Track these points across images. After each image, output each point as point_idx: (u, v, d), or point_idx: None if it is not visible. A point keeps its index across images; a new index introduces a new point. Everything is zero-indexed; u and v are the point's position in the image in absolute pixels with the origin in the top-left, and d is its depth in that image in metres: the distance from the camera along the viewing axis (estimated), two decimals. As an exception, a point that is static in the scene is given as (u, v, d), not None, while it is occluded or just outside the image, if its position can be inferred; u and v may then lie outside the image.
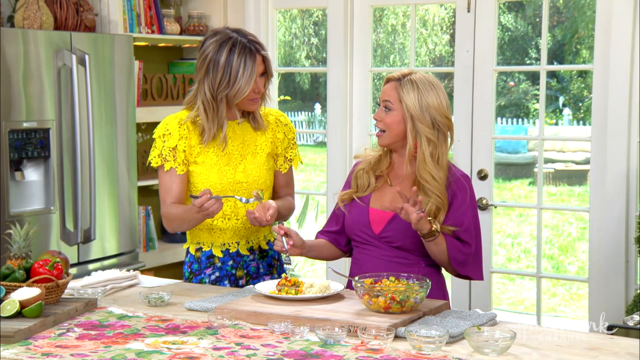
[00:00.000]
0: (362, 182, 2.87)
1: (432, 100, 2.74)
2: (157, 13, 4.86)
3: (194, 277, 3.04)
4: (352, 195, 2.87)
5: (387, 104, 2.76)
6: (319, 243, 2.96)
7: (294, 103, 16.14)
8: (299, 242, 2.80)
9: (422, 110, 2.73)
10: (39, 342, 2.27)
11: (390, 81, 2.79)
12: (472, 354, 2.18)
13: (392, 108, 2.75)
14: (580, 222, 9.29)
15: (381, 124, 2.78)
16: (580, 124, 14.08)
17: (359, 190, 2.87)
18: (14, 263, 2.60)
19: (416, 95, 2.73)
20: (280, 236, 2.78)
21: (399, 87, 2.75)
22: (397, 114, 2.75)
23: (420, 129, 2.73)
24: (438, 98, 2.75)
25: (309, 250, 2.89)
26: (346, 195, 2.89)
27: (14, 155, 3.89)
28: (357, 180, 2.88)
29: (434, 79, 2.79)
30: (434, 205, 2.72)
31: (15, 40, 3.88)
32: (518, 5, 14.15)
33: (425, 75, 2.79)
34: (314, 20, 14.99)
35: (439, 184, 2.73)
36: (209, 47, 2.91)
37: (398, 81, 2.76)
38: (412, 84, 2.74)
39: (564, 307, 7.17)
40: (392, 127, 2.76)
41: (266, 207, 2.85)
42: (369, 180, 2.85)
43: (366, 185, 2.86)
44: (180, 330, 2.39)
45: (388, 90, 2.77)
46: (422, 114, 2.73)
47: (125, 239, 4.41)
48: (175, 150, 2.94)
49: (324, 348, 2.21)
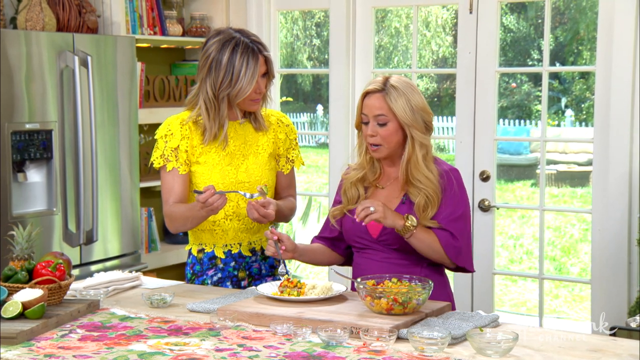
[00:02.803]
0: (352, 195, 2.87)
1: (417, 101, 2.74)
2: (159, 14, 4.87)
3: (196, 278, 3.04)
4: (342, 211, 2.87)
5: (380, 118, 2.74)
6: (313, 247, 2.95)
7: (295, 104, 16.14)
8: (291, 246, 2.80)
9: (413, 114, 2.72)
10: (42, 344, 2.27)
11: (371, 94, 2.76)
12: (474, 355, 2.18)
13: (386, 120, 2.74)
14: (582, 224, 9.28)
15: (377, 138, 2.75)
16: (583, 125, 14.06)
17: (349, 203, 2.87)
18: (17, 264, 2.61)
19: (404, 101, 2.72)
20: (272, 241, 2.79)
21: (386, 97, 2.73)
22: (393, 125, 2.74)
23: (416, 135, 2.73)
24: (420, 97, 2.76)
25: (302, 255, 2.89)
26: (337, 210, 2.89)
27: (16, 156, 3.89)
28: (347, 194, 2.88)
29: (408, 80, 2.79)
30: (423, 200, 2.73)
31: (18, 42, 3.88)
32: (520, 6, 14.14)
33: (401, 77, 2.78)
34: (316, 21, 14.99)
35: (432, 183, 2.73)
36: (212, 47, 2.92)
37: (382, 92, 2.73)
38: (396, 91, 2.72)
39: (566, 308, 7.16)
40: (390, 139, 2.75)
41: (264, 205, 2.84)
42: (358, 192, 2.86)
43: (356, 197, 2.86)
44: (183, 331, 2.39)
45: (376, 103, 2.74)
46: (415, 118, 2.72)
47: (127, 241, 4.41)
48: (178, 150, 2.94)
49: (327, 349, 2.21)
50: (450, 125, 13.99)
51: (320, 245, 2.96)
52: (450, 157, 4.94)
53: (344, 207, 2.87)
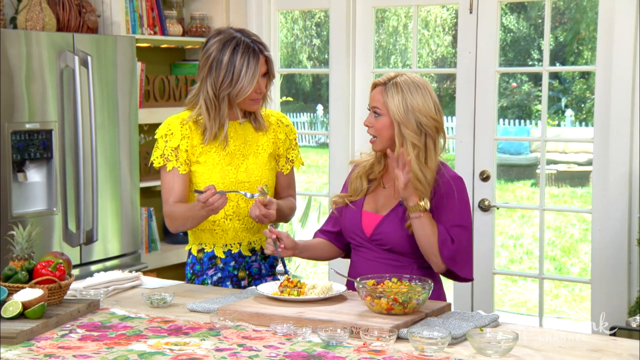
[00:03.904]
0: (355, 186, 2.88)
1: (416, 102, 2.73)
2: (159, 14, 4.86)
3: (196, 278, 3.04)
4: (344, 200, 2.88)
5: (376, 109, 2.77)
6: (314, 243, 2.96)
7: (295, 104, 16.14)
8: (290, 244, 2.81)
9: (406, 114, 2.72)
10: (42, 344, 2.27)
11: (376, 86, 2.80)
12: (474, 355, 2.18)
13: (381, 113, 2.76)
14: (582, 224, 9.28)
15: (372, 130, 2.79)
16: (583, 125, 14.06)
17: (352, 194, 2.88)
18: (17, 264, 2.61)
19: (400, 98, 2.72)
20: (271, 239, 2.79)
21: (384, 91, 2.75)
22: (386, 119, 2.75)
23: (406, 134, 2.72)
24: (423, 100, 2.74)
25: (302, 251, 2.89)
26: (339, 199, 2.90)
27: (16, 156, 3.89)
28: (352, 185, 2.90)
29: (421, 80, 2.77)
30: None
31: (18, 42, 3.88)
32: (520, 6, 14.14)
33: (412, 76, 2.77)
34: (316, 21, 14.99)
35: (423, 187, 2.73)
36: (212, 46, 2.92)
37: (383, 85, 2.76)
38: (396, 88, 2.73)
39: (566, 308, 7.16)
40: (382, 132, 2.76)
41: (267, 204, 2.85)
42: (362, 184, 2.87)
43: (359, 190, 2.87)
44: (183, 331, 2.39)
45: (375, 95, 2.78)
46: (407, 118, 2.72)
47: (127, 240, 4.41)
48: (178, 150, 2.94)
49: (327, 349, 2.21)
50: (450, 125, 13.98)
51: (321, 240, 2.97)
52: (450, 157, 4.93)
53: (346, 197, 2.88)
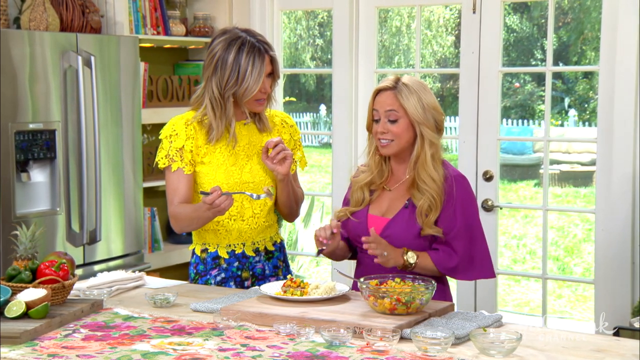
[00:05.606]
0: (357, 197, 2.89)
1: (430, 100, 2.76)
2: (162, 14, 4.87)
3: (200, 278, 3.05)
4: (347, 213, 2.88)
5: (391, 114, 2.75)
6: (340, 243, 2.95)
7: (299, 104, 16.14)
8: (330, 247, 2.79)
9: (425, 113, 2.74)
10: (45, 343, 2.27)
11: (383, 91, 2.78)
12: (477, 355, 2.18)
13: (397, 117, 2.75)
14: (586, 224, 9.27)
15: (389, 135, 2.77)
16: (586, 125, 14.05)
17: (355, 205, 2.88)
18: (20, 264, 2.61)
19: (416, 99, 2.74)
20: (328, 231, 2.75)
21: (398, 94, 2.75)
22: (404, 122, 2.75)
23: (425, 133, 2.74)
24: (432, 97, 2.78)
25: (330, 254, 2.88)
26: (342, 212, 2.90)
27: (20, 156, 3.90)
28: (353, 197, 2.90)
29: (421, 80, 2.83)
30: (426, 204, 2.74)
31: (22, 42, 3.88)
32: (523, 6, 14.12)
33: (412, 77, 2.81)
34: (319, 21, 14.99)
35: (436, 185, 2.74)
36: (218, 46, 2.92)
37: (394, 89, 2.76)
38: (408, 89, 2.74)
39: (569, 308, 7.16)
40: (401, 136, 2.76)
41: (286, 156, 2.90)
42: (364, 195, 2.87)
43: (361, 200, 2.88)
44: (186, 331, 2.39)
45: (386, 100, 2.76)
46: (426, 117, 2.74)
47: (130, 240, 4.42)
48: (182, 150, 2.94)
49: (330, 349, 2.21)
50: (454, 125, 13.97)
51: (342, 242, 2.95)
52: (454, 157, 4.94)
53: (348, 210, 2.88)
